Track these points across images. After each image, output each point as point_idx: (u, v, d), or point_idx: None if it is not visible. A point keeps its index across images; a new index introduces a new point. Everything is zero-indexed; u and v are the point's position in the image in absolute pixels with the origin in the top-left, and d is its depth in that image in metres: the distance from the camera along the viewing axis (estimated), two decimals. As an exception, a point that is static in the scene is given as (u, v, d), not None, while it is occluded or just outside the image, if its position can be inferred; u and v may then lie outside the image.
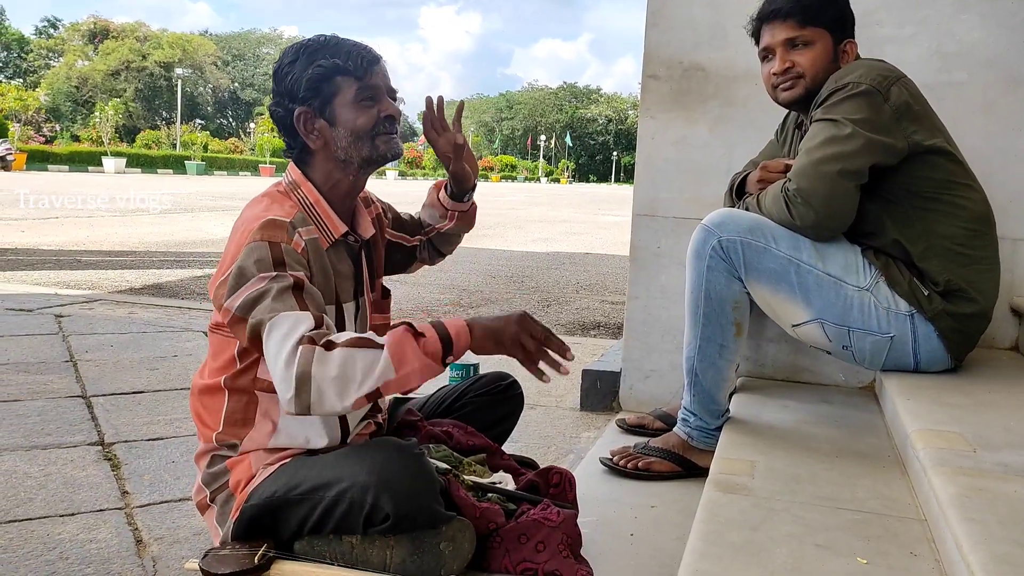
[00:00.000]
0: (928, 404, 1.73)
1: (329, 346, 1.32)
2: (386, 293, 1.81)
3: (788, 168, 1.97)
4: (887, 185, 1.88)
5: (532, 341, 1.44)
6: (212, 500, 1.54)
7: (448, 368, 2.63)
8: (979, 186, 1.94)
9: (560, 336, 1.57)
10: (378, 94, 1.54)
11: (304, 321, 1.34)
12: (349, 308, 1.62)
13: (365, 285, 1.69)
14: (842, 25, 1.99)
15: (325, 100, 1.50)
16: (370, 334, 1.38)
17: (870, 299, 1.87)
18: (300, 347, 1.31)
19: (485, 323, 1.44)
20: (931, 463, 1.38)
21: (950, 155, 1.90)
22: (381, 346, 1.34)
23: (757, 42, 2.06)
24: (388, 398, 1.72)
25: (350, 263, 1.63)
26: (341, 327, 1.57)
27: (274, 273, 1.39)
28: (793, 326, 1.94)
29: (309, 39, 1.54)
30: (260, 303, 1.36)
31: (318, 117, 1.52)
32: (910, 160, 1.86)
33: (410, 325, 1.39)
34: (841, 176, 1.82)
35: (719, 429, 2.03)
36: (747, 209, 2.00)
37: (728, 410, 2.07)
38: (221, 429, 1.53)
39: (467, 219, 1.90)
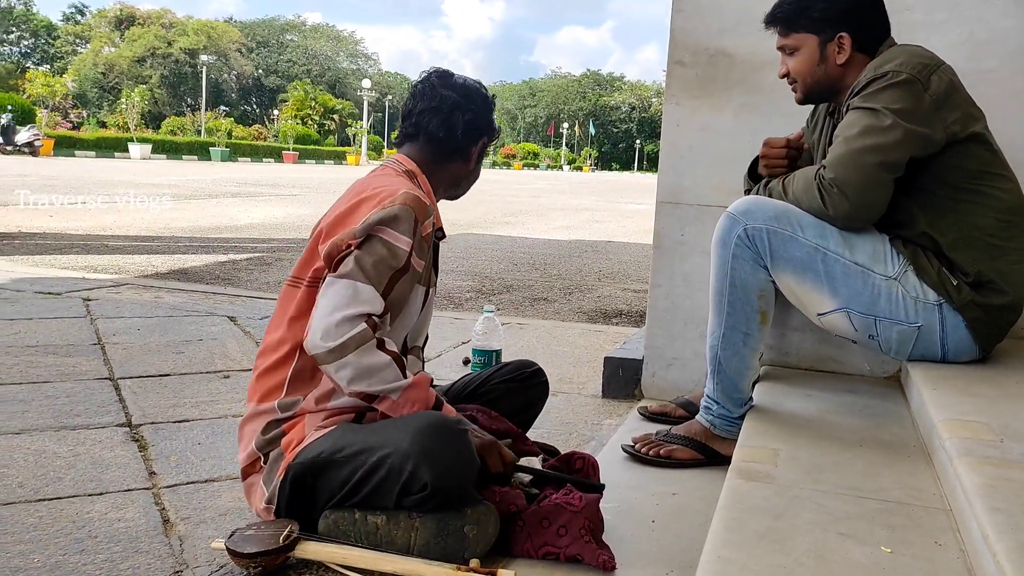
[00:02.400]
0: (955, 394, 1.71)
1: (382, 345, 1.47)
2: None
3: (788, 143, 1.98)
4: (921, 175, 1.86)
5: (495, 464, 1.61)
6: (264, 461, 1.58)
7: (471, 353, 2.66)
8: (1013, 175, 1.91)
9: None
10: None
11: (374, 305, 1.48)
12: (431, 294, 1.75)
13: (433, 276, 1.78)
14: (829, 22, 1.95)
15: (484, 148, 1.80)
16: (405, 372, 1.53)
17: (898, 288, 1.84)
18: (363, 323, 1.45)
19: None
20: (957, 453, 1.37)
21: (987, 144, 1.87)
22: (405, 378, 1.51)
23: None
24: None
25: (432, 253, 1.71)
26: (426, 308, 1.74)
27: (397, 243, 1.52)
28: (819, 315, 1.92)
29: (486, 90, 1.80)
30: (369, 257, 1.50)
31: (478, 150, 1.78)
32: (946, 150, 1.83)
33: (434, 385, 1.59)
34: (879, 168, 1.79)
35: (742, 418, 2.02)
36: (770, 194, 1.98)
37: (751, 399, 2.06)
38: (285, 391, 1.59)
39: None
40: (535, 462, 1.73)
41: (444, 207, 1.86)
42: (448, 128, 1.71)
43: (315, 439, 1.52)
